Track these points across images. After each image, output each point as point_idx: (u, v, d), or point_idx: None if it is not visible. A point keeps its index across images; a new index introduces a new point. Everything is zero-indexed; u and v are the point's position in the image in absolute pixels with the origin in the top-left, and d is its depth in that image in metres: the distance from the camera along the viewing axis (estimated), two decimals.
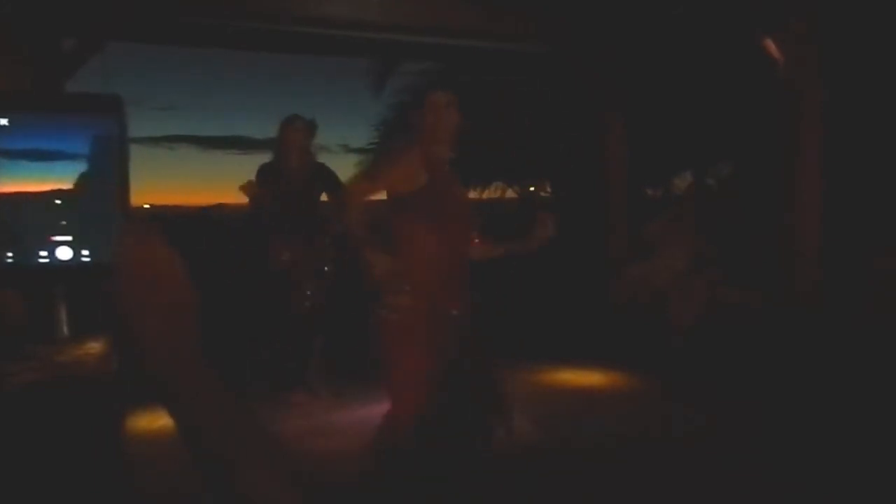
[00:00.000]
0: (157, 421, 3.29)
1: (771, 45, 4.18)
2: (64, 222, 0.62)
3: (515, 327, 5.01)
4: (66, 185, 0.63)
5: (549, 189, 9.88)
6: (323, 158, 4.27)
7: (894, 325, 3.82)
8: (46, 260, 0.62)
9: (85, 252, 0.63)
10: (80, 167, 0.63)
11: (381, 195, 2.50)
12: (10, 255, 0.62)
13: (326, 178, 4.17)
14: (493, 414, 2.52)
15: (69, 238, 0.62)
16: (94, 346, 2.25)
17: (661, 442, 3.50)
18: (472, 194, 9.98)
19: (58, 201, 0.63)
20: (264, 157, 4.27)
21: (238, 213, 6.51)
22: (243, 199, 4.24)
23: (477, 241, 2.59)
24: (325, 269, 4.15)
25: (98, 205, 0.63)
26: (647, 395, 4.32)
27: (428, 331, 2.35)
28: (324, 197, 4.22)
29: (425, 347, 2.35)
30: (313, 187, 4.15)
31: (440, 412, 2.38)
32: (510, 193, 10.55)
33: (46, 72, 3.94)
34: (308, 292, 4.10)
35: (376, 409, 4.02)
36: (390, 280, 2.34)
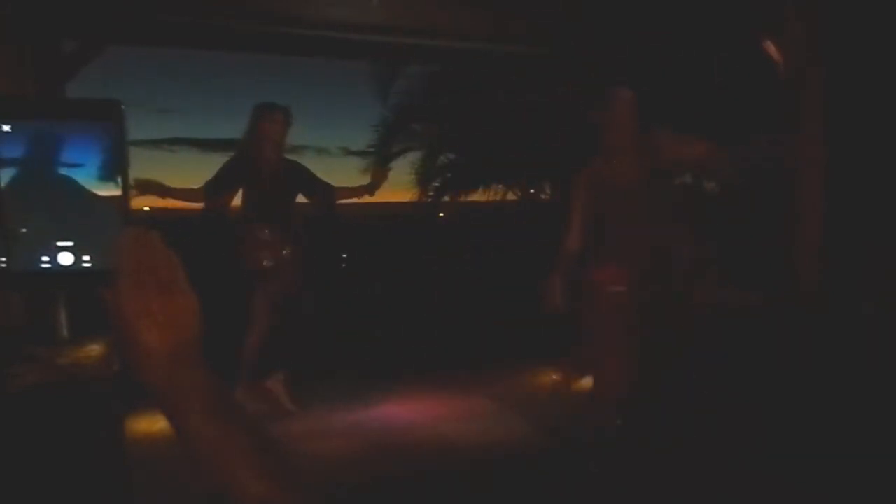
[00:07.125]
0: (156, 423, 3.28)
1: (771, 46, 4.18)
2: (65, 228, 0.63)
3: (515, 328, 5.02)
4: (67, 191, 0.63)
5: (548, 191, 9.87)
6: (324, 161, 4.14)
7: None
8: (49, 265, 0.63)
9: (86, 258, 0.63)
10: (81, 173, 0.63)
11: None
12: (12, 260, 0.62)
13: (300, 174, 3.89)
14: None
15: (70, 243, 0.63)
16: (95, 349, 2.25)
17: (663, 443, 3.50)
18: (474, 196, 10.02)
19: (59, 207, 0.63)
20: None
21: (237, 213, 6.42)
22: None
23: None
24: (299, 270, 3.86)
25: (98, 210, 0.63)
26: (647, 395, 4.31)
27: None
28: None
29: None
30: (289, 184, 3.86)
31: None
32: (510, 196, 10.53)
33: (47, 73, 3.94)
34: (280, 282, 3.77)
35: (376, 411, 4.06)
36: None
